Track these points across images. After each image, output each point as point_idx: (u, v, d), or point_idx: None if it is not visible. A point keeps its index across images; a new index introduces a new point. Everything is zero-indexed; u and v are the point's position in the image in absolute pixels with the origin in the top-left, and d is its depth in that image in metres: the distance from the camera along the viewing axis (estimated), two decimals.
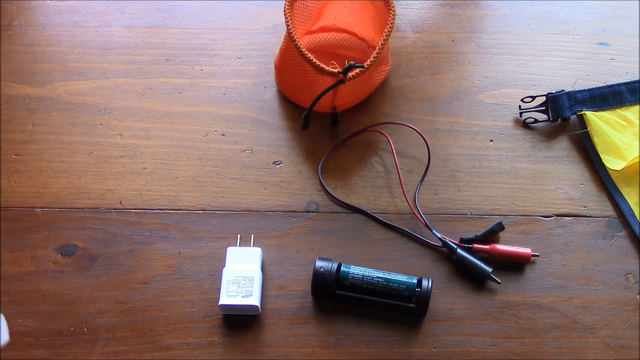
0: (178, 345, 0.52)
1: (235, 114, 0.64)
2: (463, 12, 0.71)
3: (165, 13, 0.70)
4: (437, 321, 0.53)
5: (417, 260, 0.56)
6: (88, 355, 0.52)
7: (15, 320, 0.53)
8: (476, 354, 0.52)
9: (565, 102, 0.62)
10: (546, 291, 0.54)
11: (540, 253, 0.56)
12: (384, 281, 0.52)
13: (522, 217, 0.58)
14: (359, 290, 0.52)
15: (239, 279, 0.52)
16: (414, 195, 0.59)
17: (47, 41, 0.68)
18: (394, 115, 0.64)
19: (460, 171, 0.61)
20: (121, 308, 0.54)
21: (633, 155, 0.58)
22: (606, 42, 0.68)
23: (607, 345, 0.52)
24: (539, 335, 0.53)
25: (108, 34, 0.69)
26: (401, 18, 0.70)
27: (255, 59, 0.67)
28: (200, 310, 0.54)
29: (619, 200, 0.58)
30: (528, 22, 0.70)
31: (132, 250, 0.56)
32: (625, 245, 0.57)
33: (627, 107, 0.62)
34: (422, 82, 0.66)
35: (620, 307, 0.54)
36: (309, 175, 0.60)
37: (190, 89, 0.65)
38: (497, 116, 0.64)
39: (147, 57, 0.67)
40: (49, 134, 0.63)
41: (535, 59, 0.67)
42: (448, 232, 0.57)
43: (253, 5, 0.71)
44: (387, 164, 0.61)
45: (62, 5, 0.71)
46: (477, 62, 0.67)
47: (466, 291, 0.55)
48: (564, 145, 0.62)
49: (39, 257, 0.56)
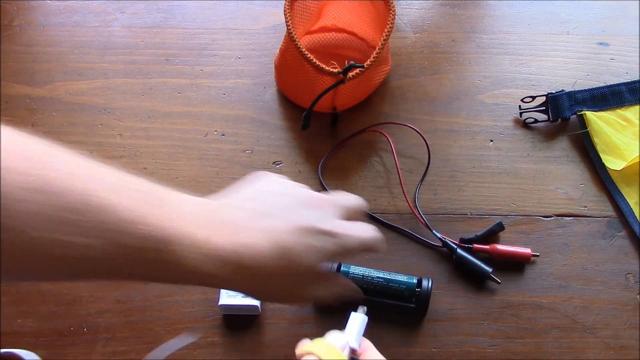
0: None
1: (235, 114, 0.64)
2: (463, 12, 0.71)
3: (165, 13, 0.70)
4: (437, 321, 0.53)
5: (417, 260, 0.56)
6: (88, 355, 0.52)
7: (15, 320, 0.53)
8: (476, 354, 0.52)
9: (565, 102, 0.62)
10: (546, 291, 0.54)
11: (540, 253, 0.56)
12: (384, 281, 0.52)
13: (522, 217, 0.58)
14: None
15: None
16: (414, 195, 0.59)
17: (47, 41, 0.68)
18: (394, 115, 0.64)
19: (460, 171, 0.61)
20: (121, 308, 0.54)
21: (633, 155, 0.58)
22: (606, 42, 0.68)
23: (607, 345, 0.52)
24: (539, 335, 0.53)
25: (108, 34, 0.69)
26: (401, 18, 0.70)
27: (255, 59, 0.67)
28: (200, 310, 0.54)
29: (619, 200, 0.58)
30: (528, 22, 0.70)
31: None
32: (625, 245, 0.57)
33: (627, 107, 0.62)
34: (422, 82, 0.66)
35: (620, 307, 0.54)
36: (309, 175, 0.60)
37: (190, 89, 0.65)
38: (497, 116, 0.64)
39: (147, 57, 0.67)
40: (49, 134, 0.62)
41: (535, 59, 0.67)
42: (448, 232, 0.57)
43: (253, 5, 0.71)
44: (387, 164, 0.61)
45: (62, 5, 0.71)
46: (477, 62, 0.67)
47: (466, 291, 0.55)
48: (564, 145, 0.62)
49: None
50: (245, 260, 0.35)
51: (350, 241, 0.39)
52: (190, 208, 0.36)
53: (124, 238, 0.31)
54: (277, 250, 0.36)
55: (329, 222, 0.38)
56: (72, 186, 0.30)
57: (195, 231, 0.34)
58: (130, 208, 0.32)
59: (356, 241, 0.39)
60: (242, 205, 0.38)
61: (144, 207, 0.32)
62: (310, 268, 0.37)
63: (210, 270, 0.34)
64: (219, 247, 0.34)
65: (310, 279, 0.39)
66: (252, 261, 0.35)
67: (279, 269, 0.36)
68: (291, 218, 0.37)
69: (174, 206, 0.35)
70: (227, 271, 0.35)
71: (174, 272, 0.34)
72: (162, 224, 0.33)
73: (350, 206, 0.41)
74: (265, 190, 0.40)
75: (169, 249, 0.33)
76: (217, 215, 0.36)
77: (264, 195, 0.40)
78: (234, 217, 0.37)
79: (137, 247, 0.32)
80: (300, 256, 0.36)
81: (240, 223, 0.36)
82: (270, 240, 0.36)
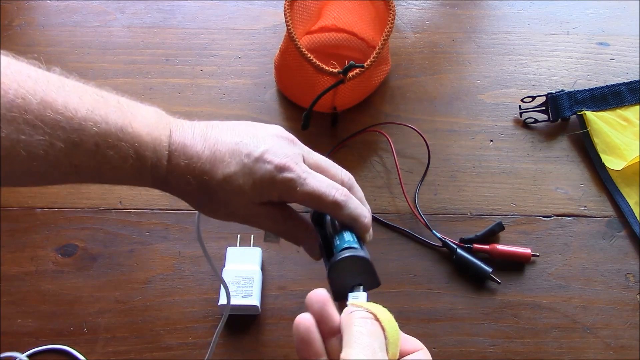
0: (178, 345, 0.52)
1: (235, 114, 0.64)
2: (463, 12, 0.71)
3: (165, 13, 0.70)
4: (437, 321, 0.53)
5: (417, 260, 0.56)
6: (88, 355, 0.52)
7: (15, 320, 0.53)
8: (476, 354, 0.52)
9: (565, 102, 0.62)
10: (546, 291, 0.54)
11: (540, 253, 0.56)
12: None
13: (522, 217, 0.58)
14: None
15: (239, 279, 0.52)
16: (414, 195, 0.59)
17: (47, 41, 0.68)
18: (394, 115, 0.64)
19: (460, 171, 0.61)
20: (121, 308, 0.54)
21: (633, 155, 0.58)
22: (606, 42, 0.68)
23: (607, 345, 0.52)
24: (539, 335, 0.53)
25: (108, 34, 0.69)
26: (401, 18, 0.70)
27: (255, 59, 0.67)
28: (200, 310, 0.54)
29: (619, 200, 0.58)
30: (528, 22, 0.70)
31: (132, 250, 0.56)
32: (625, 245, 0.57)
33: (627, 107, 0.62)
34: (422, 82, 0.66)
35: (620, 307, 0.54)
36: None
37: (190, 89, 0.65)
38: (497, 116, 0.64)
39: (147, 57, 0.67)
40: None
41: (535, 59, 0.67)
42: (448, 232, 0.57)
43: (253, 5, 0.71)
44: (387, 164, 0.61)
45: (62, 5, 0.71)
46: (477, 62, 0.67)
47: (466, 291, 0.55)
48: (564, 145, 0.62)
49: (39, 257, 0.56)
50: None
51: (309, 182, 0.37)
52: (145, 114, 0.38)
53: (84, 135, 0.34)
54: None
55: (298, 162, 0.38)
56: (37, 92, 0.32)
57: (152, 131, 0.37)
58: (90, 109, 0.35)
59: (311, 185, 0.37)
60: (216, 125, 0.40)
61: (103, 109, 0.35)
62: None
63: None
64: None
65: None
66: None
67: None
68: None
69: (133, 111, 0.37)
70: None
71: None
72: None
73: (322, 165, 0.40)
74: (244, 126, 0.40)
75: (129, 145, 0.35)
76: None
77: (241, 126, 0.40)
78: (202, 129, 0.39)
79: (95, 143, 0.34)
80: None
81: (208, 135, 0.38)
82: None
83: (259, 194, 0.38)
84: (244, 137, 0.38)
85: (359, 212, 0.38)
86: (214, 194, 0.38)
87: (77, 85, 0.36)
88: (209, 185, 0.37)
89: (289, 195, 0.37)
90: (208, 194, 0.38)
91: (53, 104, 0.33)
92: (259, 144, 0.38)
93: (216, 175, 0.37)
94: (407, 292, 0.54)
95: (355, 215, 0.38)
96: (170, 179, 0.37)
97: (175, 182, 0.37)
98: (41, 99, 0.32)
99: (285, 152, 0.37)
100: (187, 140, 0.37)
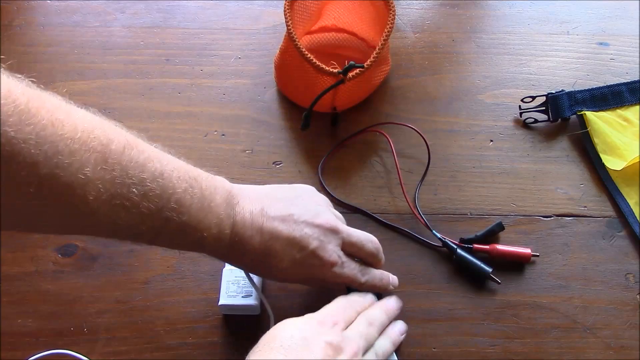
0: (178, 345, 0.52)
1: (235, 114, 0.64)
2: (463, 12, 0.71)
3: (165, 13, 0.70)
4: (437, 321, 0.53)
5: (417, 260, 0.56)
6: (88, 355, 0.52)
7: (15, 320, 0.53)
8: (476, 354, 0.52)
9: (565, 102, 0.62)
10: (546, 291, 0.54)
11: (540, 253, 0.56)
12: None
13: (522, 217, 0.58)
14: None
15: (239, 279, 0.52)
16: (414, 195, 0.59)
17: (47, 41, 0.68)
18: (394, 115, 0.64)
19: (460, 171, 0.61)
20: (121, 308, 0.54)
21: (633, 155, 0.58)
22: (606, 42, 0.68)
23: (607, 345, 0.52)
24: (539, 335, 0.53)
25: (108, 34, 0.69)
26: (401, 18, 0.70)
27: (255, 59, 0.67)
28: (200, 310, 0.54)
29: (619, 200, 0.58)
30: (528, 22, 0.70)
31: (132, 250, 0.56)
32: (625, 245, 0.57)
33: (627, 107, 0.62)
34: (422, 82, 0.66)
35: (620, 307, 0.54)
36: (309, 175, 0.60)
37: (190, 89, 0.65)
38: (497, 116, 0.64)
39: (147, 57, 0.67)
40: None
41: (535, 59, 0.67)
42: (448, 232, 0.57)
43: (253, 5, 0.71)
44: (387, 164, 0.61)
45: (62, 5, 0.71)
46: (477, 62, 0.67)
47: (466, 291, 0.55)
48: (564, 145, 0.62)
49: (39, 257, 0.56)
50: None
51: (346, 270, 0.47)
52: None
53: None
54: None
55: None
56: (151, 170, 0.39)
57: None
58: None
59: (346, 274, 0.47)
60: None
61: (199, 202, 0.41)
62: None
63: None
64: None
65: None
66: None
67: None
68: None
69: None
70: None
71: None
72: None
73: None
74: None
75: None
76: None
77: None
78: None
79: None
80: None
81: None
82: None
83: (307, 281, 0.49)
84: (297, 227, 0.45)
85: (376, 283, 0.50)
86: (266, 276, 0.50)
87: (177, 164, 0.42)
88: (262, 273, 0.49)
89: (329, 281, 0.47)
90: (261, 274, 0.50)
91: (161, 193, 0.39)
92: (311, 241, 0.45)
93: (270, 266, 0.45)
94: (407, 292, 0.54)
95: (371, 286, 0.49)
96: (226, 260, 0.47)
97: (230, 262, 0.48)
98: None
99: (332, 249, 0.46)
100: (246, 234, 0.44)
